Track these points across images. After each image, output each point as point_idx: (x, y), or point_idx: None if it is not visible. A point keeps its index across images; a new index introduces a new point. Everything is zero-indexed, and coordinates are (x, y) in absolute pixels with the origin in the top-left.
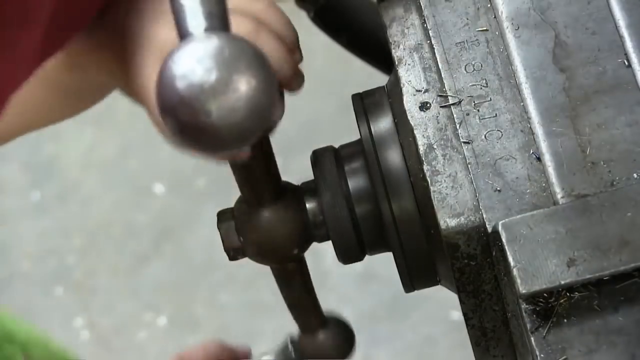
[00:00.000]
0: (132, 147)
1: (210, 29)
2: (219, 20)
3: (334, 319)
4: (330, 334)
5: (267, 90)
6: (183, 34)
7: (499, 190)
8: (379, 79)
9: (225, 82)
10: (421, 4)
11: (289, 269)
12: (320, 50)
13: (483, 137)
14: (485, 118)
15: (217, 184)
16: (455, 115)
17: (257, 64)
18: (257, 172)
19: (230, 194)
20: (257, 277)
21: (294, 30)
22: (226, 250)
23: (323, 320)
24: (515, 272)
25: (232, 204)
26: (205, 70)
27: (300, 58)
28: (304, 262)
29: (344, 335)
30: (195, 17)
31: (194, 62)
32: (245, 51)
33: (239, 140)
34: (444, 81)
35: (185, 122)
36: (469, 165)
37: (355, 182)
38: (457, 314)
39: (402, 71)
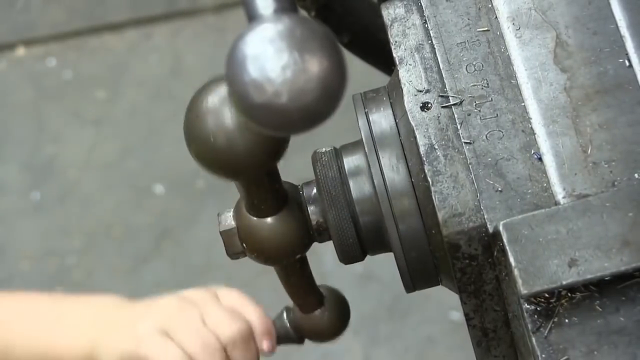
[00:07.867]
0: (132, 147)
1: (279, 10)
2: (287, 1)
3: (331, 295)
4: (326, 313)
5: (338, 71)
6: (252, 16)
7: (500, 191)
8: (379, 79)
9: (297, 63)
10: (422, 4)
11: (290, 263)
12: None
13: (484, 137)
14: (486, 118)
15: (217, 184)
16: (456, 116)
17: (328, 45)
18: (260, 187)
19: (229, 194)
20: (256, 277)
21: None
22: (228, 254)
23: (320, 300)
24: (516, 272)
25: (231, 205)
26: (277, 51)
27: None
28: (304, 256)
29: (339, 313)
30: None
31: (266, 43)
32: (316, 32)
33: (309, 122)
34: (445, 81)
35: (256, 103)
36: (470, 166)
37: (356, 183)
38: (457, 314)
39: (403, 71)
